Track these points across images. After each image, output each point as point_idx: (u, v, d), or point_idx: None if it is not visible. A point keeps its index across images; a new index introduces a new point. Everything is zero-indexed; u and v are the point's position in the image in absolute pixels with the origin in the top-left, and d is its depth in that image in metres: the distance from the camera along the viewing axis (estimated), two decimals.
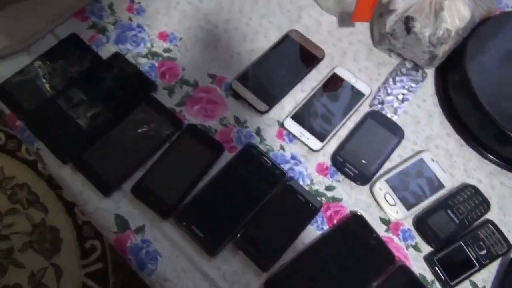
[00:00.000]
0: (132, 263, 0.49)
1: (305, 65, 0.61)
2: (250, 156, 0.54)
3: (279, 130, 0.57)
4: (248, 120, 0.57)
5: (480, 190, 0.55)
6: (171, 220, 0.50)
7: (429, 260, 0.51)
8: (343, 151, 0.55)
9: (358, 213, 0.52)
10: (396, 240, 0.52)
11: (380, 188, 0.53)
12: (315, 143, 0.56)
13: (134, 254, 0.49)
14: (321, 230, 0.52)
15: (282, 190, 0.52)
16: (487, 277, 0.51)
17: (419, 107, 0.60)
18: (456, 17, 0.56)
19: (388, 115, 0.58)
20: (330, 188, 0.54)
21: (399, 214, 0.52)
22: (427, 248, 0.52)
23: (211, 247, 0.49)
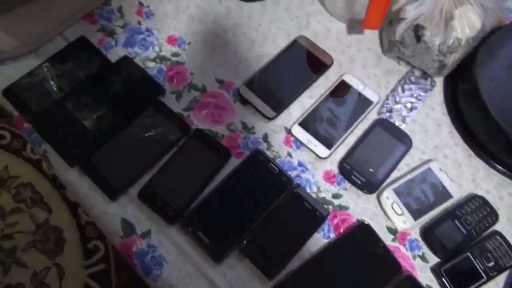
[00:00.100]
0: (138, 268, 0.49)
1: (313, 71, 0.61)
2: (257, 162, 0.54)
3: (286, 136, 0.57)
4: (256, 126, 0.57)
5: (488, 201, 0.54)
6: (177, 225, 0.50)
7: (436, 271, 0.50)
8: (351, 159, 0.55)
9: (365, 222, 0.52)
10: (403, 250, 0.52)
11: (388, 197, 0.53)
12: (322, 150, 0.55)
13: (139, 259, 0.49)
14: (327, 238, 0.51)
15: (289, 197, 0.52)
16: None
17: (428, 116, 0.60)
18: (466, 26, 0.56)
19: (396, 124, 0.58)
20: (337, 196, 0.54)
21: (407, 224, 0.52)
22: (434, 259, 0.52)
23: (217, 253, 0.49)
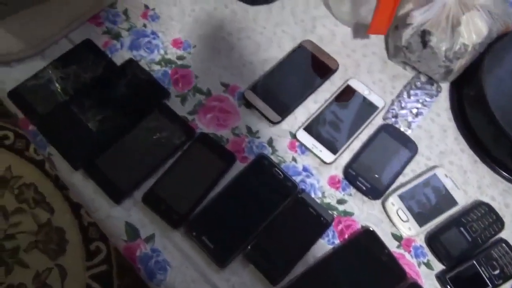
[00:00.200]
0: (141, 272, 0.49)
1: (318, 76, 0.61)
2: (262, 167, 0.54)
3: (291, 141, 0.57)
4: (260, 130, 0.57)
5: (494, 208, 0.54)
6: (182, 230, 0.50)
7: (441, 278, 0.50)
8: (356, 164, 0.55)
9: (370, 228, 0.52)
10: (408, 257, 0.51)
11: (393, 203, 0.53)
12: (327, 155, 0.55)
13: (143, 263, 0.49)
14: (332, 244, 0.51)
15: (294, 203, 0.52)
16: None
17: (433, 122, 0.60)
18: (473, 32, 0.56)
19: (402, 129, 0.58)
20: (342, 201, 0.54)
21: (412, 230, 0.52)
22: (439, 266, 0.51)
23: (221, 258, 0.49)
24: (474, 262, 0.50)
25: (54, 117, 0.55)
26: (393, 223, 0.53)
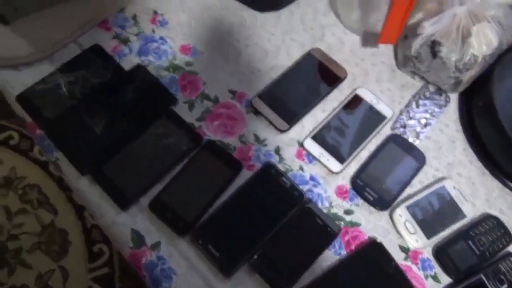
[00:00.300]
0: (147, 280, 0.49)
1: (327, 84, 0.60)
2: (269, 176, 0.53)
3: (298, 150, 0.57)
4: (268, 138, 0.57)
5: (502, 221, 0.53)
6: (188, 237, 0.50)
7: None
8: (363, 174, 0.55)
9: (377, 239, 0.51)
10: (415, 269, 0.51)
11: (400, 214, 0.52)
12: (335, 165, 0.55)
13: (148, 271, 0.49)
14: (338, 255, 0.51)
15: (301, 212, 0.51)
16: None
17: (442, 132, 0.59)
18: (483, 43, 0.55)
19: (410, 140, 0.57)
20: (349, 212, 0.53)
21: (419, 242, 0.51)
22: (446, 279, 0.51)
23: (226, 267, 0.48)
24: (482, 275, 0.50)
25: (62, 121, 0.55)
26: (400, 234, 0.52)
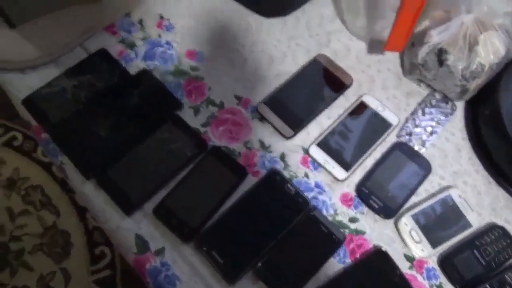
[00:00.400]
0: (150, 286, 0.48)
1: (332, 91, 0.60)
2: (274, 182, 0.53)
3: (303, 156, 0.56)
4: (273, 144, 0.57)
5: (508, 231, 0.53)
6: (192, 244, 0.50)
7: None
8: (369, 182, 0.54)
9: (382, 248, 0.51)
10: (420, 279, 0.51)
11: (406, 223, 0.52)
12: (340, 172, 0.55)
13: (152, 277, 0.48)
14: (343, 263, 0.51)
15: (305, 220, 0.51)
16: None
17: (448, 141, 0.59)
18: (490, 52, 0.55)
19: (416, 148, 0.57)
20: (354, 220, 0.53)
21: (424, 252, 0.51)
22: None
23: (230, 274, 0.48)
24: (488, 286, 0.50)
25: (67, 125, 0.55)
26: (405, 243, 0.52)
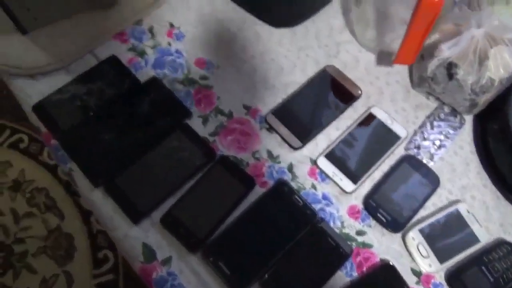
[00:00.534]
0: None
1: (341, 102, 0.60)
2: (281, 193, 0.53)
3: (311, 168, 0.56)
4: (281, 155, 0.57)
5: None
6: (199, 254, 0.50)
7: None
8: (376, 195, 0.54)
9: (389, 262, 0.51)
10: None
11: (413, 238, 0.52)
12: (348, 184, 0.55)
13: (159, 286, 0.48)
14: (350, 276, 0.50)
15: (313, 232, 0.51)
16: None
17: (456, 154, 0.59)
18: (500, 66, 0.55)
19: (424, 161, 0.57)
20: (361, 233, 0.53)
21: (432, 267, 0.51)
22: None
23: (237, 285, 0.48)
24: None
25: (77, 132, 0.55)
26: (413, 258, 0.52)
